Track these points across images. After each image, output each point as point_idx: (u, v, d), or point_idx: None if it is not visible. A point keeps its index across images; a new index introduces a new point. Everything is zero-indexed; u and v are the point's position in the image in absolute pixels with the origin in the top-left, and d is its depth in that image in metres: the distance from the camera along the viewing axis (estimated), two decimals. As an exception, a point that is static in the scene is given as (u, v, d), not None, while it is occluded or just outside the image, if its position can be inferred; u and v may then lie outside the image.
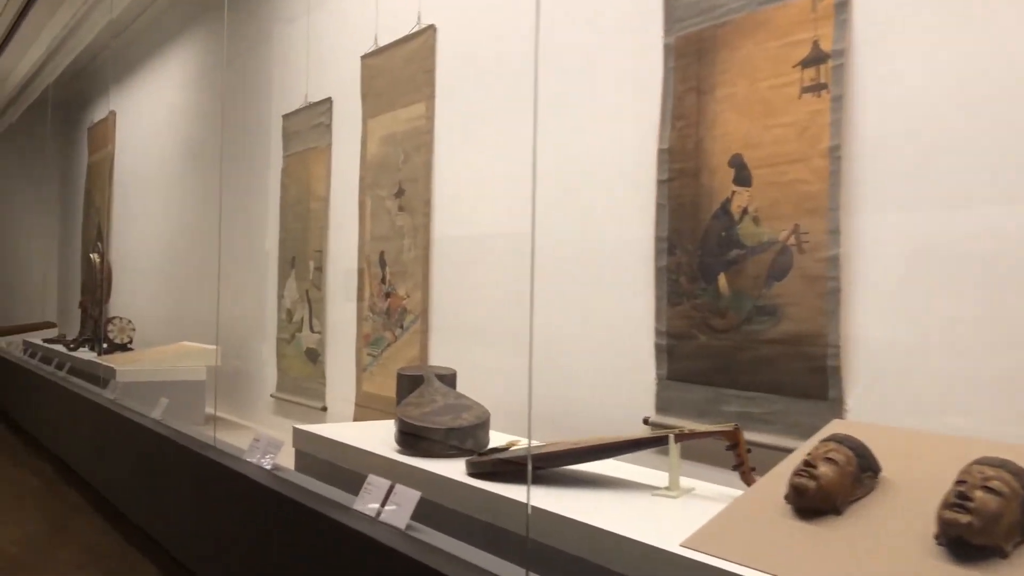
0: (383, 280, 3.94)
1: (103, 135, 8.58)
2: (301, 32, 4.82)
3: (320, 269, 4.49)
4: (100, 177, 8.60)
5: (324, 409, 4.39)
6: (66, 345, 6.10)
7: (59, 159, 10.47)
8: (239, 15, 5.62)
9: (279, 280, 4.93)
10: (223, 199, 5.92)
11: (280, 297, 4.90)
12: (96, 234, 6.14)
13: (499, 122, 3.35)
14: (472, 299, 3.46)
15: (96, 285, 5.90)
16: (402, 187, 3.83)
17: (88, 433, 4.49)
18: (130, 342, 5.67)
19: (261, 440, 2.76)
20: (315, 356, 4.51)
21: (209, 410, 5.14)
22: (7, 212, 10.58)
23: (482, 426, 2.45)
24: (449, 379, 2.89)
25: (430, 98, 3.67)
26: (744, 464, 1.88)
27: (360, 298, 4.11)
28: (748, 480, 1.87)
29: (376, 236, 4.00)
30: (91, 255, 5.97)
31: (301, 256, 4.69)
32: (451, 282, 3.56)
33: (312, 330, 4.55)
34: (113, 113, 8.24)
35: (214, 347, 5.16)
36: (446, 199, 3.60)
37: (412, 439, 2.43)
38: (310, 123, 4.62)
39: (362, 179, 4.12)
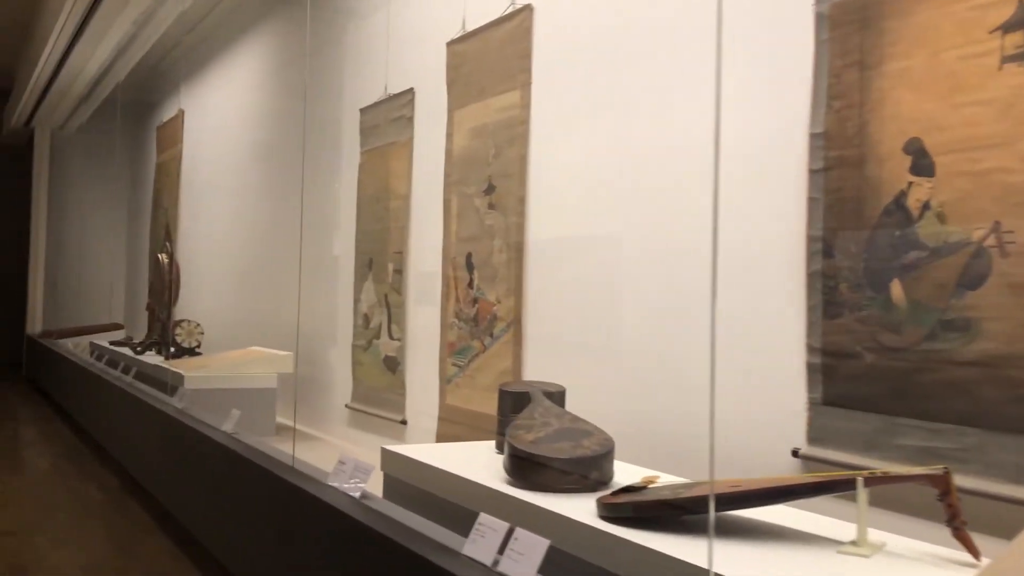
0: (471, 284, 3.62)
1: (172, 134, 8.44)
2: (380, 21, 4.54)
3: (400, 272, 4.19)
4: (168, 177, 8.47)
5: (404, 422, 4.09)
6: (133, 348, 5.91)
7: (128, 159, 10.41)
8: (315, 10, 5.38)
9: (355, 283, 4.65)
10: (296, 198, 5.68)
11: (356, 301, 4.62)
12: (164, 234, 5.93)
13: (603, 110, 3.01)
14: (571, 306, 3.12)
15: (164, 287, 5.70)
16: (492, 183, 3.51)
17: (155, 444, 4.25)
18: (198, 346, 5.45)
19: (347, 463, 2.45)
20: (394, 365, 4.21)
21: (280, 419, 4.89)
22: (76, 212, 10.55)
23: (607, 456, 2.11)
24: (557, 397, 2.56)
25: (525, 86, 3.34)
26: (958, 517, 1.51)
27: (445, 304, 3.80)
28: (964, 540, 1.50)
29: (463, 237, 3.69)
30: (159, 255, 5.76)
31: (379, 258, 4.41)
32: (547, 287, 3.23)
33: (391, 337, 4.26)
34: (182, 111, 8.10)
35: (287, 353, 4.91)
36: (542, 196, 3.27)
37: (525, 469, 2.10)
38: (390, 116, 4.33)
39: (447, 175, 3.82)
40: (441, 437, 3.78)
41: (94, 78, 8.83)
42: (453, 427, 3.70)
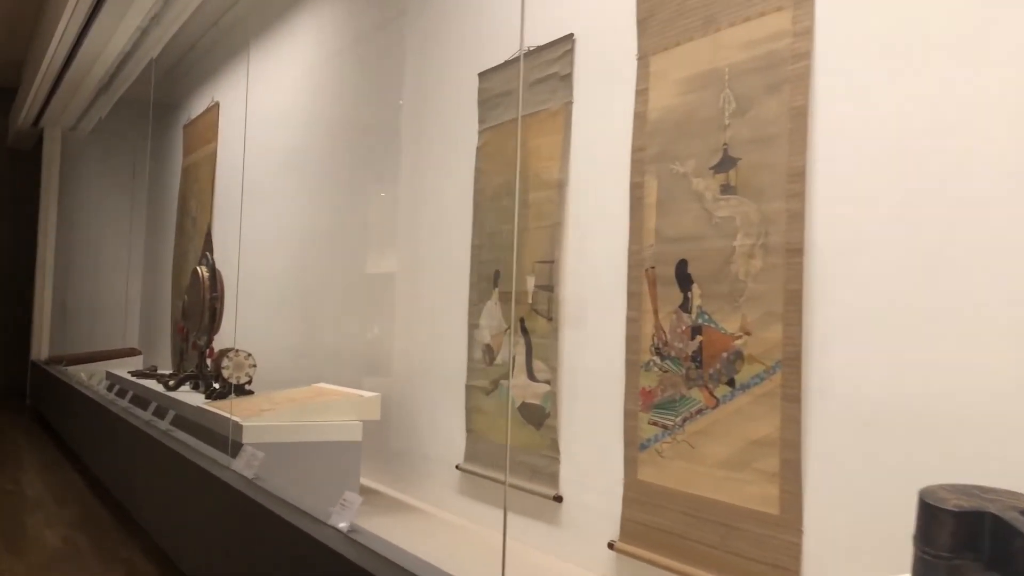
0: (685, 306, 2.46)
1: (203, 131, 7.32)
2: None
3: (548, 288, 3.03)
4: (198, 181, 7.34)
5: (558, 499, 2.91)
6: (164, 383, 4.75)
7: (148, 163, 9.29)
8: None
9: (470, 303, 3.48)
10: (371, 199, 4.54)
11: (473, 327, 3.45)
12: (205, 243, 4.79)
13: (948, 39, 1.87)
14: (898, 340, 1.95)
15: (204, 307, 4.55)
16: (730, 154, 2.35)
17: (210, 523, 3.08)
18: (249, 382, 4.29)
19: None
20: (538, 416, 3.04)
21: (364, 481, 3.72)
22: (89, 223, 9.42)
23: None
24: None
25: (803, 2, 2.19)
26: None
27: (634, 333, 2.64)
28: None
29: (669, 236, 2.53)
30: (198, 268, 4.62)
31: (511, 269, 3.25)
32: (848, 310, 2.06)
33: (533, 377, 3.08)
34: (217, 104, 6.97)
35: (373, 395, 3.75)
36: (836, 169, 2.11)
37: None
38: (530, 78, 3.18)
39: (637, 150, 2.66)
40: (630, 527, 2.60)
41: (108, 72, 7.74)
42: (652, 514, 2.52)
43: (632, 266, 2.66)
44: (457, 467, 3.46)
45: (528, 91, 3.20)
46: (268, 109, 5.96)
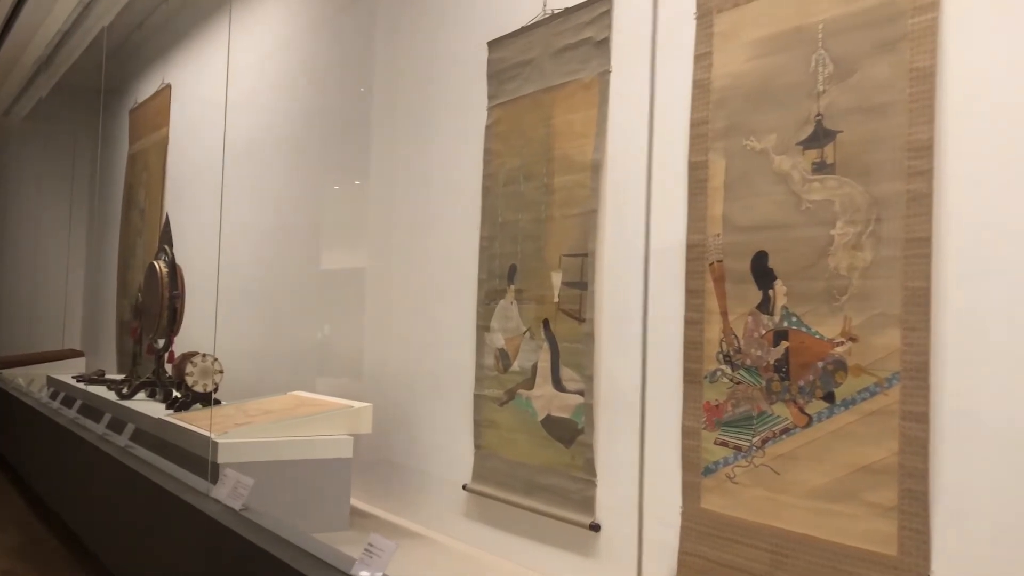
0: (765, 306, 2.08)
1: (152, 116, 6.79)
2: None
3: (581, 285, 2.64)
4: (147, 169, 6.81)
5: (594, 528, 2.52)
6: (117, 391, 4.25)
7: (89, 151, 8.67)
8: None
9: (479, 303, 3.08)
10: (347, 188, 4.10)
11: (482, 330, 3.04)
12: (162, 235, 4.30)
13: None
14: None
15: (162, 306, 4.07)
16: (824, 127, 1.99)
17: (188, 560, 2.62)
18: (215, 390, 3.82)
19: None
20: (568, 431, 2.65)
21: (355, 502, 3.29)
22: (23, 215, 8.76)
23: None
24: None
25: (928, -58, 1.83)
26: None
27: (694, 337, 2.26)
28: None
29: (743, 224, 2.16)
30: (155, 263, 4.14)
31: (530, 264, 2.85)
32: (992, 316, 1.70)
33: (560, 387, 2.69)
34: (168, 86, 6.44)
35: (363, 405, 3.32)
36: (980, 137, 1.75)
37: None
38: (556, 45, 2.79)
39: (698, 123, 2.29)
40: (690, 562, 2.22)
41: (49, 48, 7.13)
42: (721, 549, 2.15)
43: (691, 260, 2.28)
44: (465, 487, 3.05)
45: (553, 60, 2.80)
46: (231, 90, 5.46)
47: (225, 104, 4.38)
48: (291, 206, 4.64)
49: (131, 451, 3.33)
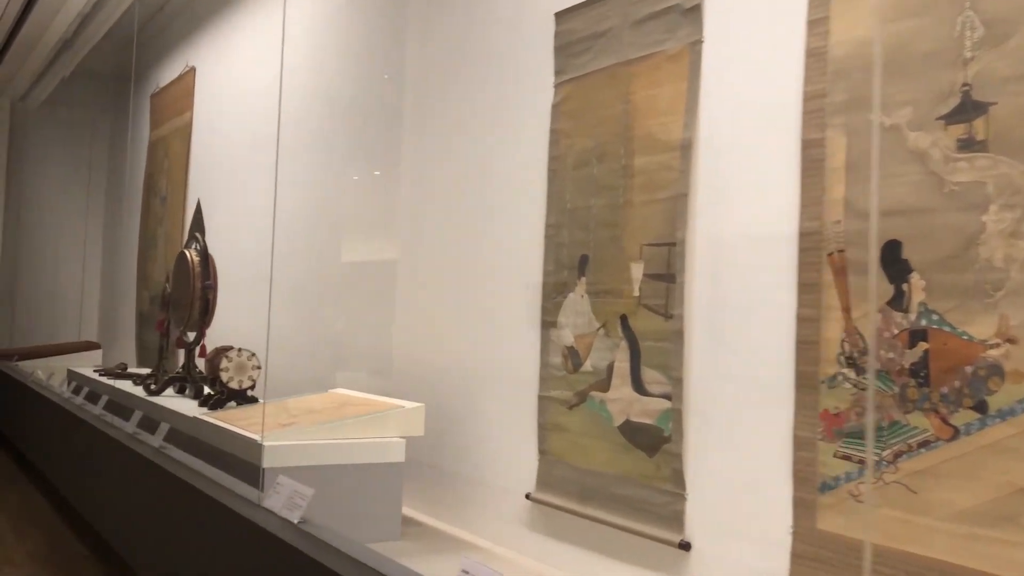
0: (898, 302, 1.84)
1: (174, 101, 6.56)
2: None
3: (667, 277, 2.39)
4: (168, 156, 6.59)
5: (684, 546, 2.29)
6: (145, 387, 4.03)
7: (109, 138, 8.46)
8: None
9: (544, 297, 2.84)
10: (387, 175, 3.87)
11: (548, 326, 2.81)
12: (193, 222, 4.08)
13: None
14: None
15: (193, 297, 3.85)
16: (973, 98, 1.74)
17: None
18: (252, 387, 3.60)
19: None
20: (652, 439, 2.41)
21: (405, 510, 3.06)
22: (41, 203, 8.54)
23: None
24: None
25: None
26: None
27: (808, 335, 2.02)
28: None
29: (866, 209, 1.92)
30: (186, 252, 3.92)
31: (604, 254, 2.61)
32: None
33: (642, 389, 2.45)
34: (192, 69, 6.22)
35: (415, 405, 3.09)
36: None
37: None
38: (636, 14, 2.55)
39: (814, 96, 2.04)
40: (804, 590, 1.98)
41: (71, 29, 6.91)
42: (841, 575, 1.91)
43: (805, 250, 2.04)
44: (528, 496, 2.82)
45: (633, 30, 2.56)
46: (250, 79, 5.24)
47: (284, 83, 4.14)
48: (331, 193, 4.41)
49: (166, 452, 3.11)
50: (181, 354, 4.21)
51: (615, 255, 2.57)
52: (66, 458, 4.37)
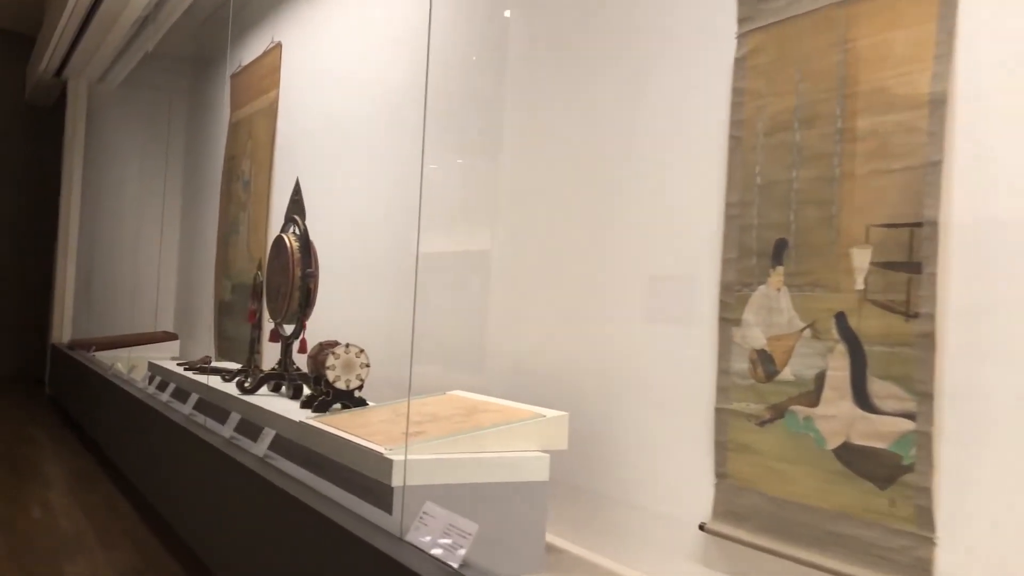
0: None
1: (257, 81, 6.21)
2: None
3: (911, 267, 1.91)
4: (252, 137, 6.24)
5: (936, 605, 1.80)
6: (239, 384, 3.66)
7: (186, 120, 8.18)
8: None
9: (723, 289, 2.37)
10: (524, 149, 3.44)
11: (730, 325, 2.34)
12: (291, 206, 3.69)
13: None
14: None
15: (291, 287, 3.46)
16: None
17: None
18: (360, 388, 3.20)
19: None
20: (884, 467, 1.93)
21: (549, 537, 2.62)
22: (117, 188, 8.31)
23: None
24: None
25: None
26: None
27: None
28: None
29: None
30: (284, 236, 3.54)
31: (813, 238, 2.13)
32: None
33: (868, 406, 1.97)
34: (279, 45, 5.85)
35: (559, 414, 2.64)
36: None
37: None
38: (860, -59, 2.06)
39: None
40: None
41: (148, 9, 6.63)
42: None
43: None
44: (702, 527, 2.36)
45: (855, -37, 2.07)
46: (349, 47, 4.85)
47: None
48: (413, 181, 3.99)
49: (271, 462, 2.71)
50: (268, 346, 3.84)
51: (829, 239, 2.09)
52: (151, 460, 4.03)
